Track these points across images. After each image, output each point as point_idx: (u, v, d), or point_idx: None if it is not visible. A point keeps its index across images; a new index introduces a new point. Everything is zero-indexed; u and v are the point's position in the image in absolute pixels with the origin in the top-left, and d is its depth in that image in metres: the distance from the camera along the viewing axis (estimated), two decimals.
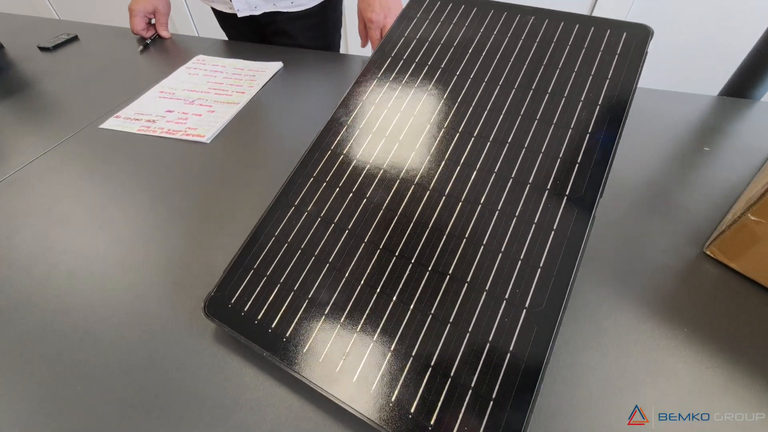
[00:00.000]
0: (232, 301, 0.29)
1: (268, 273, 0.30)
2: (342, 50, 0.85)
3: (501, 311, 0.25)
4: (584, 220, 0.27)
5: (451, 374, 0.24)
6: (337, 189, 0.32)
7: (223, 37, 0.84)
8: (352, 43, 0.86)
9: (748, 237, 0.31)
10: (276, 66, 0.65)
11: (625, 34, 0.33)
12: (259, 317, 0.28)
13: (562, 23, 0.35)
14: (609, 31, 0.34)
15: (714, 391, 0.26)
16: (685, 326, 0.30)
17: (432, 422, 0.23)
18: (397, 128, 0.34)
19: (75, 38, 0.76)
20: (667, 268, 0.34)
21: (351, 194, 0.32)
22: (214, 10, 0.78)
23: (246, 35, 0.79)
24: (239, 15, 0.71)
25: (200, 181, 0.44)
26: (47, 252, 0.37)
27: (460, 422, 0.22)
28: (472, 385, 0.23)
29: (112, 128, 0.52)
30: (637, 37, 0.33)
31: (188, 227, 0.39)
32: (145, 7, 0.72)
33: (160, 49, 0.74)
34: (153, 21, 0.75)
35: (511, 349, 0.24)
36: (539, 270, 0.26)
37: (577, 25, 0.35)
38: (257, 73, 0.63)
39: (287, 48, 0.72)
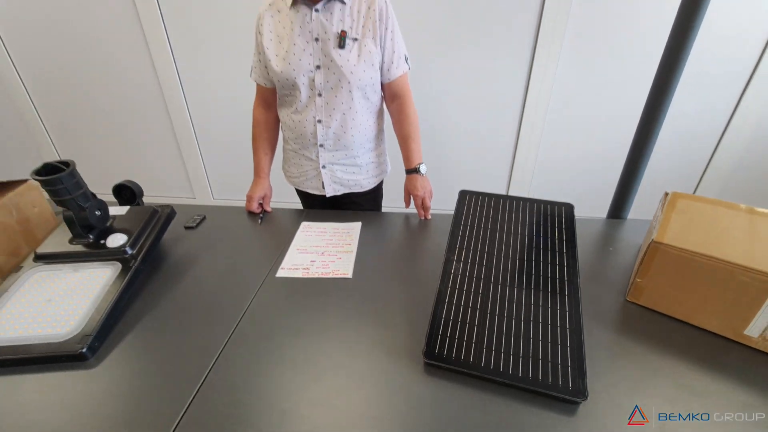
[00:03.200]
0: (443, 349, 0.61)
1: (449, 332, 0.62)
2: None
3: (559, 340, 0.60)
4: (576, 300, 0.65)
5: (549, 360, 0.57)
6: (464, 291, 0.68)
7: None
8: (386, 201, 1.29)
9: (639, 288, 0.72)
10: (359, 225, 1.03)
11: (564, 211, 0.78)
12: (462, 356, 0.60)
13: (541, 208, 0.80)
14: (558, 208, 0.79)
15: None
16: (633, 332, 0.67)
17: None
18: (478, 277, 0.72)
19: (204, 218, 1.09)
20: (616, 306, 0.72)
21: (472, 294, 0.68)
22: (299, 191, 1.19)
23: (320, 205, 1.19)
24: (327, 196, 1.12)
25: (362, 299, 0.77)
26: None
27: (566, 379, 0.55)
28: (559, 362, 0.57)
29: (285, 276, 0.84)
30: (568, 211, 0.78)
31: (375, 327, 0.70)
32: (259, 194, 1.10)
33: (269, 219, 1.10)
34: (260, 202, 1.13)
35: (569, 347, 0.59)
36: (567, 330, 0.63)
37: (542, 208, 0.80)
38: (350, 230, 1.01)
39: (355, 212, 1.12)
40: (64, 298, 0.71)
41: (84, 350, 0.63)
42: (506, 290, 0.68)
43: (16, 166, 2.43)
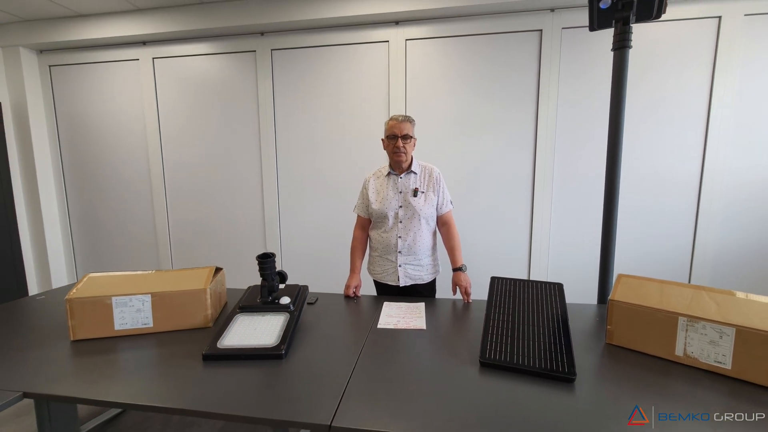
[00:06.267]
0: (491, 355, 1.05)
1: (494, 346, 1.07)
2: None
3: (558, 349, 1.05)
4: (567, 329, 1.11)
5: (554, 358, 1.01)
6: (500, 326, 1.15)
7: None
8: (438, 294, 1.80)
9: (610, 333, 1.16)
10: (423, 304, 1.53)
11: (557, 287, 1.30)
12: (503, 357, 1.03)
13: (542, 285, 1.32)
14: (553, 285, 1.30)
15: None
16: (613, 360, 1.09)
17: (566, 365, 0.98)
18: (506, 319, 1.21)
19: (318, 298, 1.62)
20: (600, 347, 1.15)
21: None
22: (378, 283, 1.74)
23: (393, 294, 1.71)
24: (400, 286, 1.66)
25: (434, 339, 1.22)
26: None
27: (564, 367, 0.98)
28: (557, 347, 1.00)
29: (383, 327, 1.32)
30: (560, 286, 1.29)
31: (445, 351, 1.15)
32: (354, 284, 1.65)
33: (359, 301, 1.62)
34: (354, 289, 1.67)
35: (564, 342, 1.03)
36: (563, 345, 1.08)
37: (543, 286, 1.31)
38: (418, 307, 1.51)
39: (419, 297, 1.63)
40: (262, 328, 1.22)
41: (283, 352, 1.11)
42: (525, 324, 1.14)
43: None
